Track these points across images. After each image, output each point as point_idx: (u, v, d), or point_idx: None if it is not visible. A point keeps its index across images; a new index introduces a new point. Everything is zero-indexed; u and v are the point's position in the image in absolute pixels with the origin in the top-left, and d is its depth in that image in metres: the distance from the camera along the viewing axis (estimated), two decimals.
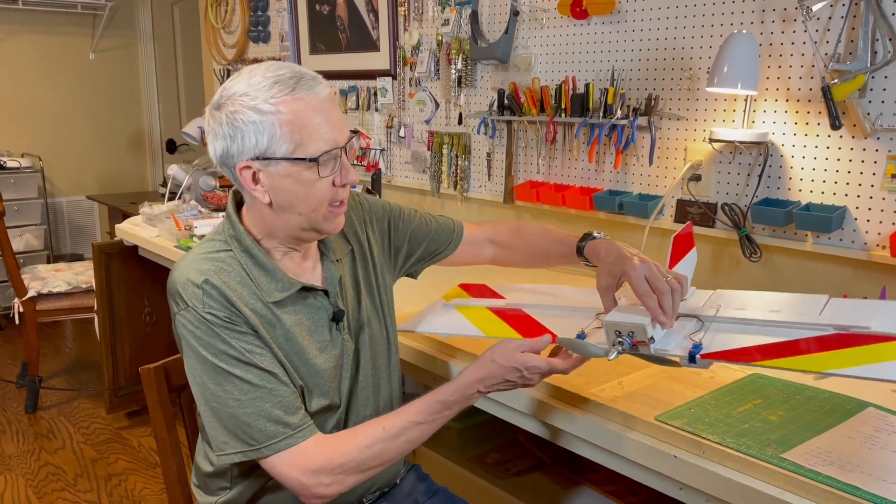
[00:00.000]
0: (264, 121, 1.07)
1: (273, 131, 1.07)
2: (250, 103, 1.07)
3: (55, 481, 2.78)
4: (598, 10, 2.09)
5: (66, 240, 5.36)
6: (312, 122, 1.09)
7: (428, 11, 2.67)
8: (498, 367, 1.12)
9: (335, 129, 1.11)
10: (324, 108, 1.10)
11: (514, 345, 1.14)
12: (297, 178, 1.10)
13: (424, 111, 2.74)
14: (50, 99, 5.17)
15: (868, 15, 1.56)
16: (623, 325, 1.10)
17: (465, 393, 1.14)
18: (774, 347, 1.04)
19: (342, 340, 1.24)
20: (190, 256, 1.18)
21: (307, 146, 1.09)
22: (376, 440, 1.12)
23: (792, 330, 1.07)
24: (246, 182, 1.12)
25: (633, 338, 1.10)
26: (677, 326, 1.15)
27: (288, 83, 1.08)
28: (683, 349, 1.08)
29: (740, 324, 1.13)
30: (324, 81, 1.13)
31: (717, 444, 1.10)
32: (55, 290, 3.35)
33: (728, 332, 1.12)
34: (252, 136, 1.08)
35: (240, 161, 1.10)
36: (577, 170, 2.24)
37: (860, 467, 1.02)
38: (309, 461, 1.10)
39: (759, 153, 1.79)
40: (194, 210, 2.83)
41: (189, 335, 1.12)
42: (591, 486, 1.78)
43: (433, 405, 1.14)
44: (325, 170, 1.11)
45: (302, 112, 1.08)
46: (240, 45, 3.74)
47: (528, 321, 1.31)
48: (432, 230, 1.44)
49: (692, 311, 1.19)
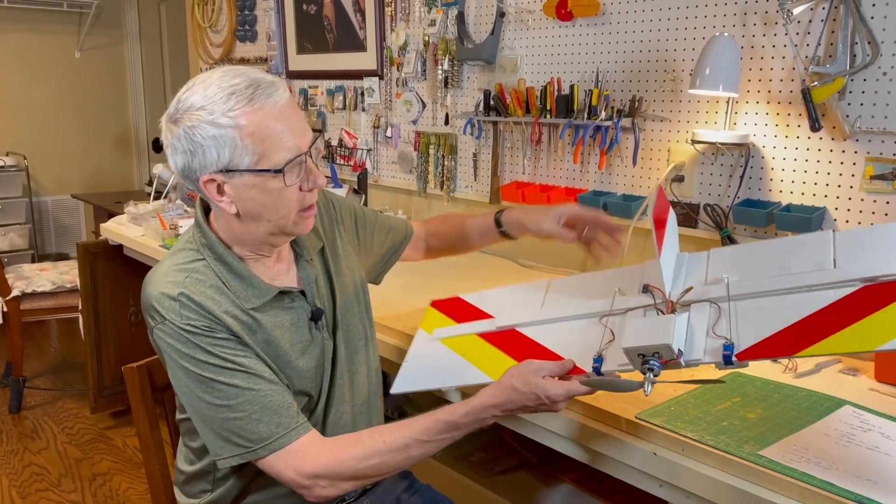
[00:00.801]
0: (224, 134, 1.05)
1: (234, 144, 1.05)
2: (208, 118, 1.05)
3: (39, 481, 2.76)
4: (583, 13, 2.10)
5: (51, 239, 5.33)
6: (274, 132, 1.07)
7: (415, 12, 2.68)
8: (518, 394, 1.06)
9: (297, 136, 1.09)
10: (284, 115, 1.08)
11: (535, 367, 1.08)
12: (263, 188, 1.09)
13: (411, 111, 2.75)
14: (35, 97, 5.14)
15: (847, 18, 1.58)
16: (645, 348, 1.01)
17: (479, 416, 1.09)
18: (808, 328, 0.95)
19: (322, 339, 1.24)
20: (163, 268, 1.16)
21: (271, 156, 1.07)
22: (375, 452, 1.10)
23: (816, 293, 0.98)
24: (211, 194, 1.11)
25: (660, 358, 1.00)
26: (694, 319, 1.06)
27: (245, 93, 1.05)
28: (714, 353, 1.00)
29: (759, 297, 1.03)
30: (282, 86, 1.10)
31: (696, 441, 1.11)
32: (39, 289, 3.33)
33: (751, 314, 1.02)
34: (213, 150, 1.06)
35: (203, 175, 1.08)
36: (562, 170, 2.25)
37: (836, 464, 1.04)
38: (305, 464, 1.10)
39: (741, 154, 1.81)
40: (180, 209, 2.82)
41: (169, 348, 1.12)
42: (575, 484, 1.80)
43: (441, 424, 1.09)
44: (290, 177, 1.09)
45: (262, 122, 1.06)
46: (227, 44, 3.74)
47: (527, 345, 1.23)
48: (392, 227, 1.48)
49: (702, 294, 1.08)
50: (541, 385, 1.05)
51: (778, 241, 1.12)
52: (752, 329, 1.00)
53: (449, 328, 1.36)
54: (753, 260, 1.11)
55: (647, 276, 1.20)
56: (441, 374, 1.28)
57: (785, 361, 1.44)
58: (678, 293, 1.11)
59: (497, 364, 1.22)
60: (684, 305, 1.09)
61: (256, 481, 1.22)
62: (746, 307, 1.04)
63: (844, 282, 0.97)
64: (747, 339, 0.99)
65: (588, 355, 1.12)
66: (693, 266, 1.17)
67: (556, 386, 1.05)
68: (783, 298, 1.01)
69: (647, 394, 1.00)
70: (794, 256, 1.06)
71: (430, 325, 1.40)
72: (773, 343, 0.97)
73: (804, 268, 1.03)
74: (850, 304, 0.95)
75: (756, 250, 1.13)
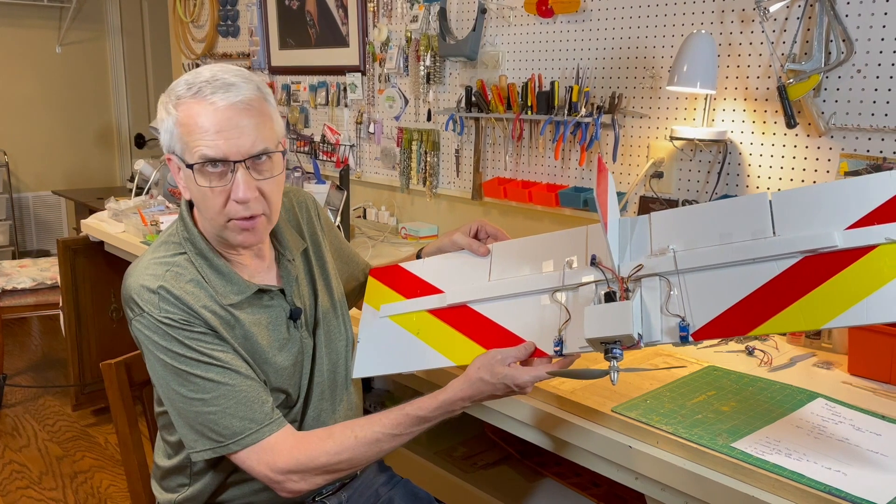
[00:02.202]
0: (168, 119, 1.11)
1: (171, 130, 1.11)
2: (165, 100, 1.12)
3: (20, 479, 2.74)
4: (564, 9, 2.11)
5: (32, 235, 5.28)
6: (199, 128, 1.07)
7: (397, 8, 2.68)
8: (486, 385, 1.09)
9: (226, 140, 1.07)
10: (219, 115, 1.07)
11: (500, 357, 1.11)
12: (191, 181, 1.12)
13: (394, 107, 2.75)
14: (15, 93, 5.09)
15: (822, 17, 1.60)
16: (607, 338, 1.03)
17: (449, 409, 1.12)
18: (756, 304, 0.98)
19: (300, 337, 1.24)
20: (144, 261, 1.16)
21: (192, 151, 1.09)
22: (346, 447, 1.12)
23: (760, 265, 1.01)
24: (174, 173, 1.16)
25: (622, 345, 1.03)
26: (646, 297, 1.07)
27: (196, 86, 1.08)
28: (671, 332, 1.03)
29: (706, 270, 1.05)
30: (245, 90, 1.08)
31: (670, 434, 1.13)
32: (20, 286, 3.31)
33: (701, 291, 1.04)
34: (164, 132, 1.13)
35: (166, 152, 1.14)
36: (543, 166, 2.26)
37: (806, 455, 1.06)
38: (277, 459, 1.11)
39: (719, 151, 1.83)
40: (161, 205, 2.80)
41: (147, 340, 1.13)
42: (556, 478, 1.81)
43: (412, 419, 1.12)
44: (202, 179, 1.09)
45: (195, 116, 1.07)
46: (209, 39, 3.72)
47: (483, 324, 1.22)
48: (357, 277, 1.47)
49: (652, 269, 1.09)
50: (509, 374, 1.08)
51: (716, 204, 1.12)
52: (704, 306, 1.03)
53: (397, 304, 1.33)
54: (695, 225, 1.11)
55: (592, 244, 1.19)
56: (401, 357, 1.27)
57: (760, 355, 1.46)
58: (627, 268, 1.11)
59: (455, 345, 1.22)
60: (635, 281, 1.10)
61: (233, 476, 1.23)
62: (696, 280, 1.06)
63: (786, 254, 0.99)
64: (700, 318, 1.02)
65: (547, 335, 1.14)
66: (637, 234, 1.16)
67: (522, 373, 1.08)
68: (729, 271, 1.03)
69: (613, 383, 1.02)
70: (735, 221, 1.07)
71: (374, 300, 1.37)
72: (724, 321, 1.00)
73: (745, 235, 1.05)
74: (793, 277, 0.98)
75: (696, 214, 1.13)
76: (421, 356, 1.25)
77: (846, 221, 0.98)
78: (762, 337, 1.56)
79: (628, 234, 1.16)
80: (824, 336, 1.52)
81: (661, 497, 1.14)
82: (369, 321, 1.35)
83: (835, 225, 0.99)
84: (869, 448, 1.08)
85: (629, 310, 1.04)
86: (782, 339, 1.56)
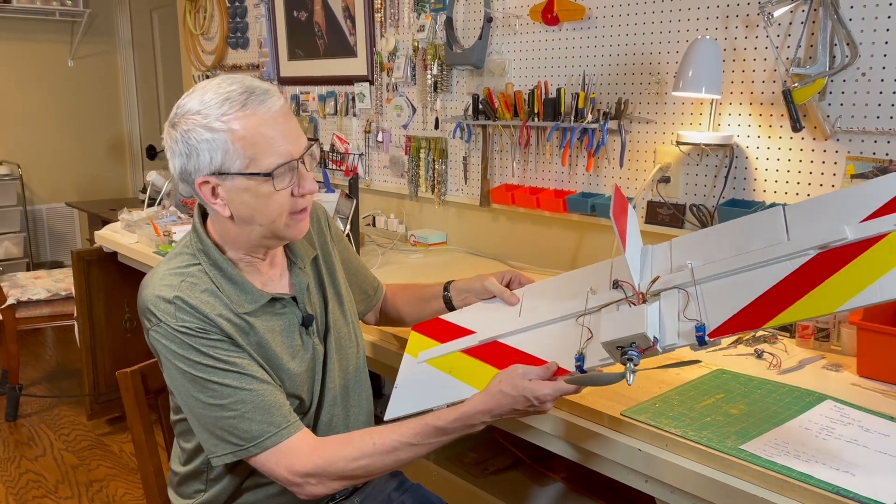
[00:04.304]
0: (217, 138, 1.09)
1: (226, 148, 1.09)
2: (202, 122, 1.09)
3: (36, 488, 2.77)
4: (569, 17, 2.13)
5: (46, 247, 5.34)
6: (265, 137, 1.10)
7: (404, 18, 2.70)
8: (507, 398, 1.08)
9: (289, 141, 1.12)
10: (276, 121, 1.11)
11: (522, 371, 1.10)
12: (255, 192, 1.12)
13: (402, 116, 2.77)
14: (29, 106, 5.16)
15: (826, 21, 1.61)
16: (622, 340, 1.04)
17: (469, 423, 1.11)
18: (772, 299, 0.99)
19: (312, 345, 1.27)
20: (159, 272, 1.18)
21: (261, 161, 1.10)
22: (364, 454, 1.12)
23: (775, 266, 1.02)
24: (206, 196, 1.14)
25: (637, 348, 1.04)
26: (664, 307, 1.09)
27: (238, 99, 1.10)
28: (687, 335, 1.03)
29: (722, 277, 1.07)
30: (276, 94, 1.14)
31: (680, 437, 1.14)
32: (35, 297, 3.34)
33: (717, 295, 1.05)
34: (206, 153, 1.10)
35: (197, 177, 1.12)
36: (550, 173, 2.28)
37: (815, 457, 1.06)
38: (296, 462, 1.13)
39: (725, 155, 1.84)
40: (174, 216, 2.84)
41: (164, 350, 1.15)
42: (566, 483, 1.82)
43: (431, 429, 1.11)
44: (280, 182, 1.12)
45: (254, 127, 1.10)
46: (219, 51, 3.76)
47: (510, 354, 1.24)
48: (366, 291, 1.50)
49: (669, 282, 1.11)
50: (529, 387, 1.07)
51: (733, 223, 1.14)
52: (720, 308, 1.04)
53: (433, 349, 1.37)
54: (713, 244, 1.13)
55: (615, 272, 1.22)
56: (431, 394, 1.27)
57: (769, 358, 1.47)
58: (646, 284, 1.14)
59: (484, 376, 1.21)
60: (654, 295, 1.11)
61: (249, 481, 1.25)
62: (712, 288, 1.07)
63: (800, 252, 1.01)
64: (716, 319, 1.03)
65: (570, 356, 1.14)
66: (658, 256, 1.20)
67: (543, 386, 1.07)
68: (746, 275, 1.05)
69: (629, 384, 1.02)
70: (751, 235, 1.09)
71: (414, 349, 1.41)
72: (741, 318, 1.01)
73: (760, 244, 1.06)
74: (808, 271, 0.99)
75: (714, 234, 1.16)
76: (451, 391, 1.25)
77: (857, 218, 1.00)
78: (771, 340, 1.57)
79: (648, 257, 1.20)
80: (833, 338, 1.52)
81: (672, 500, 1.15)
82: (408, 369, 1.37)
83: (846, 222, 1.00)
84: (877, 449, 1.09)
85: (643, 312, 1.06)
86: (791, 341, 1.57)
